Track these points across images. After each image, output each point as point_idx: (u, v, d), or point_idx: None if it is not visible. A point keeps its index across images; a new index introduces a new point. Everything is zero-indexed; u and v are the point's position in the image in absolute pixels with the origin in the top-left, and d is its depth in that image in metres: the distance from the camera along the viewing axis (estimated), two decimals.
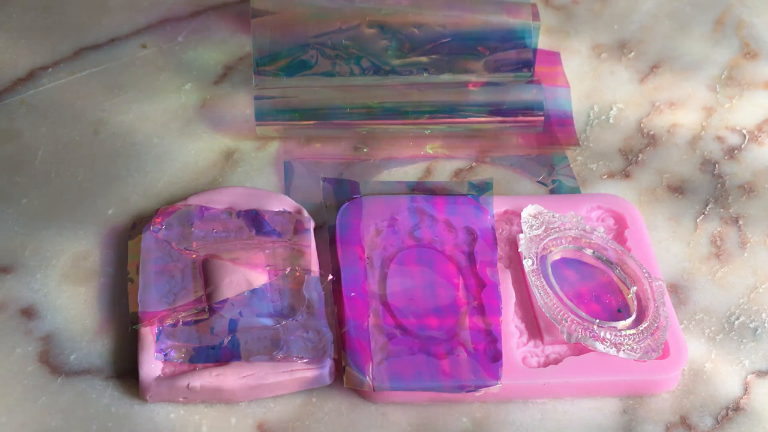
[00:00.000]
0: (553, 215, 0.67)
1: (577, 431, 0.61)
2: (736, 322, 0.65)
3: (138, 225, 0.66)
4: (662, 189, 0.72)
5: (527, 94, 0.73)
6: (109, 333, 0.63)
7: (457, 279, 0.64)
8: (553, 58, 0.78)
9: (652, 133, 0.75)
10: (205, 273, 0.63)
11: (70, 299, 0.64)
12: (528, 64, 0.74)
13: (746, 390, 0.63)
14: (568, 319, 0.61)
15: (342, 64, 0.73)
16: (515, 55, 0.74)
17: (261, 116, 0.72)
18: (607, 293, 0.64)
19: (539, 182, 0.72)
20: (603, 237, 0.66)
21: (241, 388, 0.60)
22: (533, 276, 0.63)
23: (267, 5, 0.73)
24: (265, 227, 0.65)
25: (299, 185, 0.70)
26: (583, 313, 0.62)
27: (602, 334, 0.61)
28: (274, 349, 0.60)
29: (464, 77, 0.74)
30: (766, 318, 0.66)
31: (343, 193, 0.69)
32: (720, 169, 0.73)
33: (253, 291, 0.63)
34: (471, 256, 0.65)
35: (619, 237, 0.68)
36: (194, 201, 0.67)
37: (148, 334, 0.61)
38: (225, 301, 0.62)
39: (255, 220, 0.66)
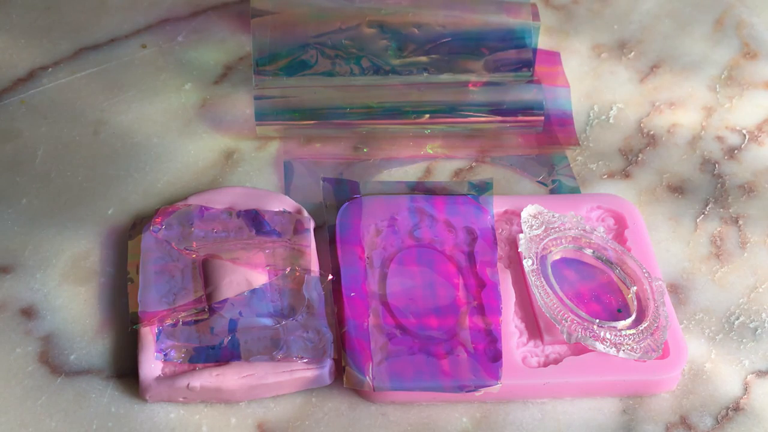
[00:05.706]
0: (553, 215, 0.66)
1: (577, 431, 0.61)
2: (736, 322, 0.65)
3: (138, 225, 0.66)
4: (662, 189, 0.72)
5: (527, 94, 0.73)
6: (109, 333, 0.63)
7: (457, 279, 0.64)
8: (553, 58, 0.78)
9: (652, 133, 0.75)
10: (205, 273, 0.63)
11: (70, 299, 0.64)
12: (528, 64, 0.74)
13: (746, 390, 0.63)
14: (568, 319, 0.61)
15: (342, 64, 0.73)
16: (515, 55, 0.74)
17: (261, 116, 0.72)
18: (607, 293, 0.64)
19: (539, 182, 0.72)
20: (603, 237, 0.66)
21: (241, 388, 0.60)
22: (533, 276, 0.63)
23: (267, 5, 0.73)
24: (265, 227, 0.65)
25: (299, 185, 0.70)
26: (583, 313, 0.62)
27: (602, 334, 0.61)
28: (274, 349, 0.60)
29: (464, 77, 0.74)
30: (766, 318, 0.66)
31: (343, 193, 0.69)
32: (720, 169, 0.73)
33: (253, 291, 0.63)
34: (471, 256, 0.65)
35: (619, 237, 0.67)
36: (194, 201, 0.67)
37: (148, 334, 0.61)
38: (225, 301, 0.62)
39: (255, 220, 0.66)
